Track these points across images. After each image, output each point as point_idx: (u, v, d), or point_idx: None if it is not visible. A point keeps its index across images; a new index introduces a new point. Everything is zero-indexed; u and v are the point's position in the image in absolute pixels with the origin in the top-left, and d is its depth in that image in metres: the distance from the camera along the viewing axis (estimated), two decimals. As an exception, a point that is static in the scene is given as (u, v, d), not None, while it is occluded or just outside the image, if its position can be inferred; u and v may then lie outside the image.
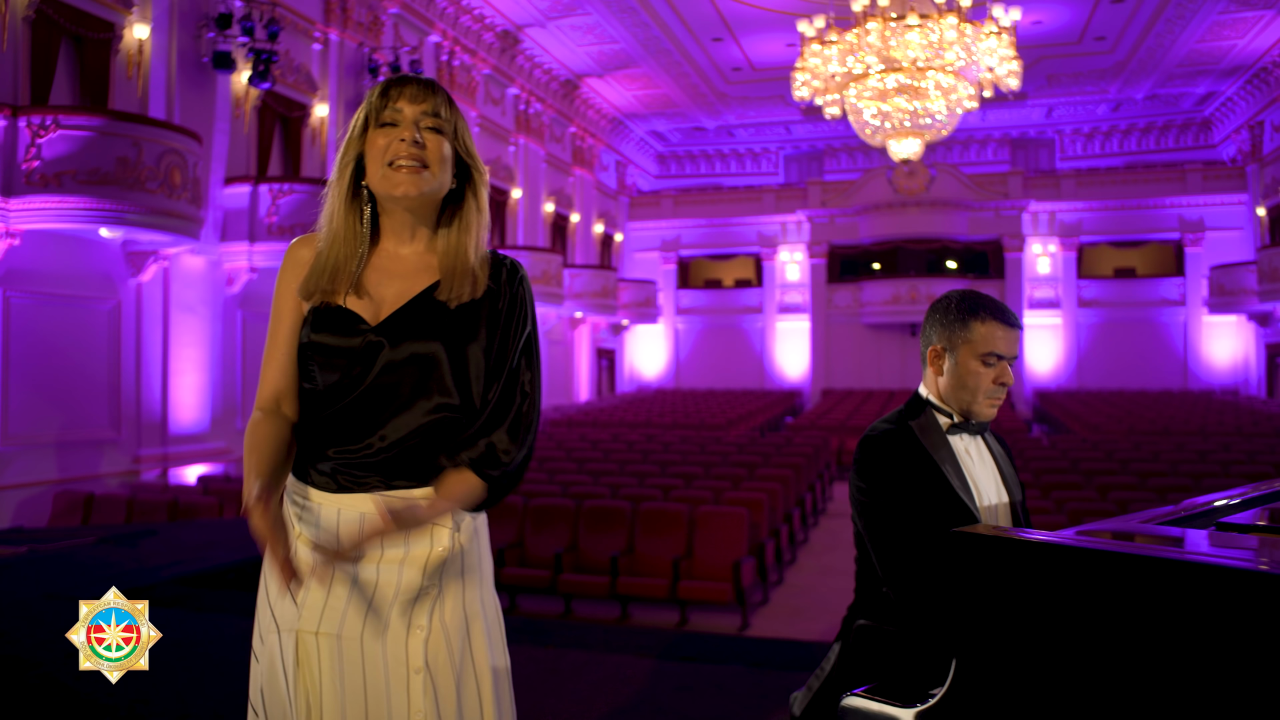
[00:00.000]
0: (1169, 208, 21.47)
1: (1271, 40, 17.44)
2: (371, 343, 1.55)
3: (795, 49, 17.67)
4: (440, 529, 1.58)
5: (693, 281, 25.30)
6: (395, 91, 1.59)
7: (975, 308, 2.01)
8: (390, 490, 1.56)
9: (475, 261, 1.61)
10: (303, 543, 1.59)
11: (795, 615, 6.89)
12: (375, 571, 1.56)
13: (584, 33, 16.87)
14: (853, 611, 2.05)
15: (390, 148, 1.56)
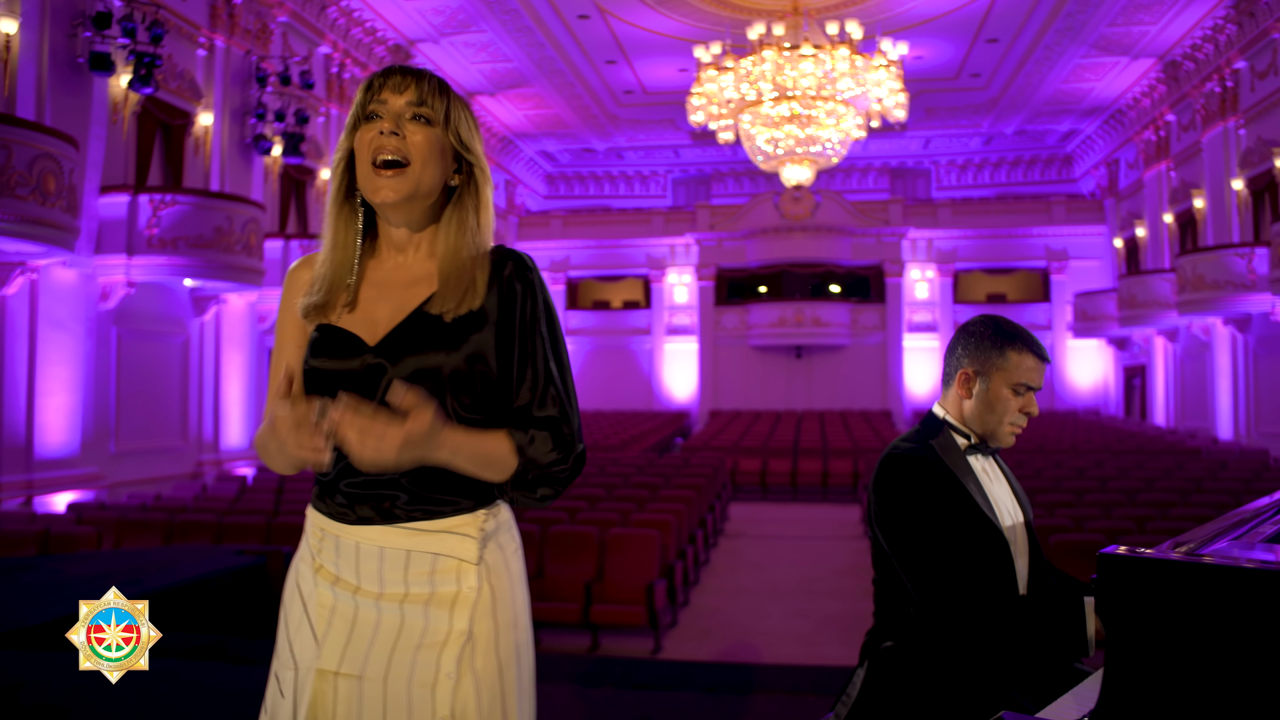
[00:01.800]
0: (1036, 237, 22.63)
1: (1126, 84, 18.64)
2: (371, 365, 1.43)
3: (688, 74, 17.95)
4: (467, 567, 1.45)
5: (582, 302, 25.27)
6: (379, 81, 1.46)
7: (1012, 336, 2.02)
8: (411, 522, 1.44)
9: (473, 264, 1.47)
10: (324, 576, 1.47)
11: (705, 637, 6.87)
12: (400, 612, 1.44)
13: (477, 50, 16.70)
14: (875, 634, 2.02)
15: (372, 143, 1.43)
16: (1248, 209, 15.26)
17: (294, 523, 7.27)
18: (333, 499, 1.47)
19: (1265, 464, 11.24)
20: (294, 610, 1.51)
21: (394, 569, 1.44)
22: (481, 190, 1.51)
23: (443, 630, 1.44)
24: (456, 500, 1.46)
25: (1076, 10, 15.04)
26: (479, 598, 1.45)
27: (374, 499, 1.44)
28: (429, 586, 1.44)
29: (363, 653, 1.44)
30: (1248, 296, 13.85)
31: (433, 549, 1.45)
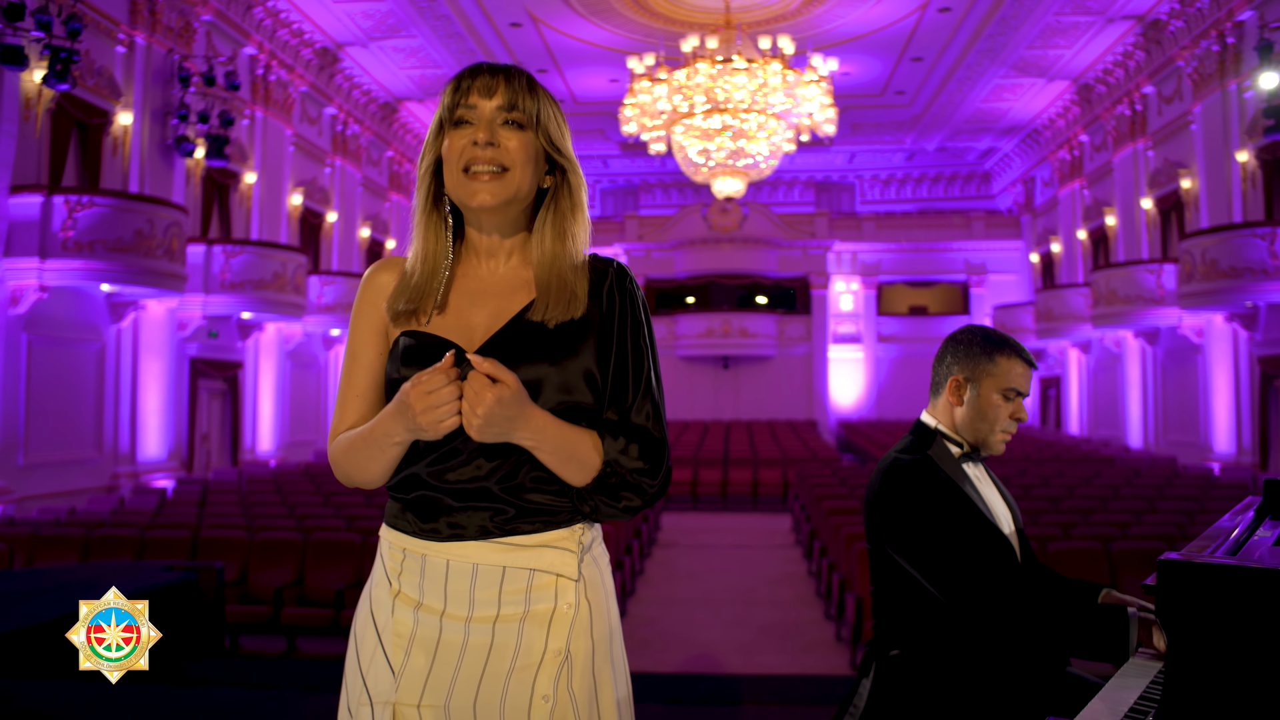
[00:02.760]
0: (956, 251, 23.24)
1: (1042, 105, 19.29)
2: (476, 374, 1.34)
3: (619, 84, 18.00)
4: (565, 583, 1.39)
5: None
6: (467, 84, 1.39)
7: (1000, 343, 2.06)
8: (508, 536, 1.37)
9: (573, 273, 1.41)
10: (403, 602, 1.39)
11: (645, 647, 6.84)
12: (490, 633, 1.36)
13: (407, 55, 16.48)
14: (877, 643, 2.02)
15: (464, 152, 1.36)
16: (1156, 227, 15.90)
17: (221, 536, 7.04)
18: (418, 514, 1.39)
19: (1175, 471, 11.69)
20: (367, 641, 1.41)
21: (487, 587, 1.37)
22: (575, 193, 1.45)
23: (537, 650, 1.37)
24: (555, 512, 1.39)
25: (997, 33, 15.51)
26: (577, 614, 1.39)
27: (469, 511, 1.37)
28: (524, 605, 1.37)
29: (447, 681, 1.36)
30: (1157, 310, 14.41)
31: (530, 564, 1.37)
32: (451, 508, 1.37)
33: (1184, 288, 12.87)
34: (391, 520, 1.43)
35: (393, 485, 1.42)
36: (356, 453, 1.38)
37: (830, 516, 8.24)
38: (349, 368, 1.46)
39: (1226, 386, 13.49)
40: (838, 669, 6.17)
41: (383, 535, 1.45)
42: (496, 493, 1.36)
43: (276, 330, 14.78)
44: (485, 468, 1.36)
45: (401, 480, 1.40)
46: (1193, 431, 14.29)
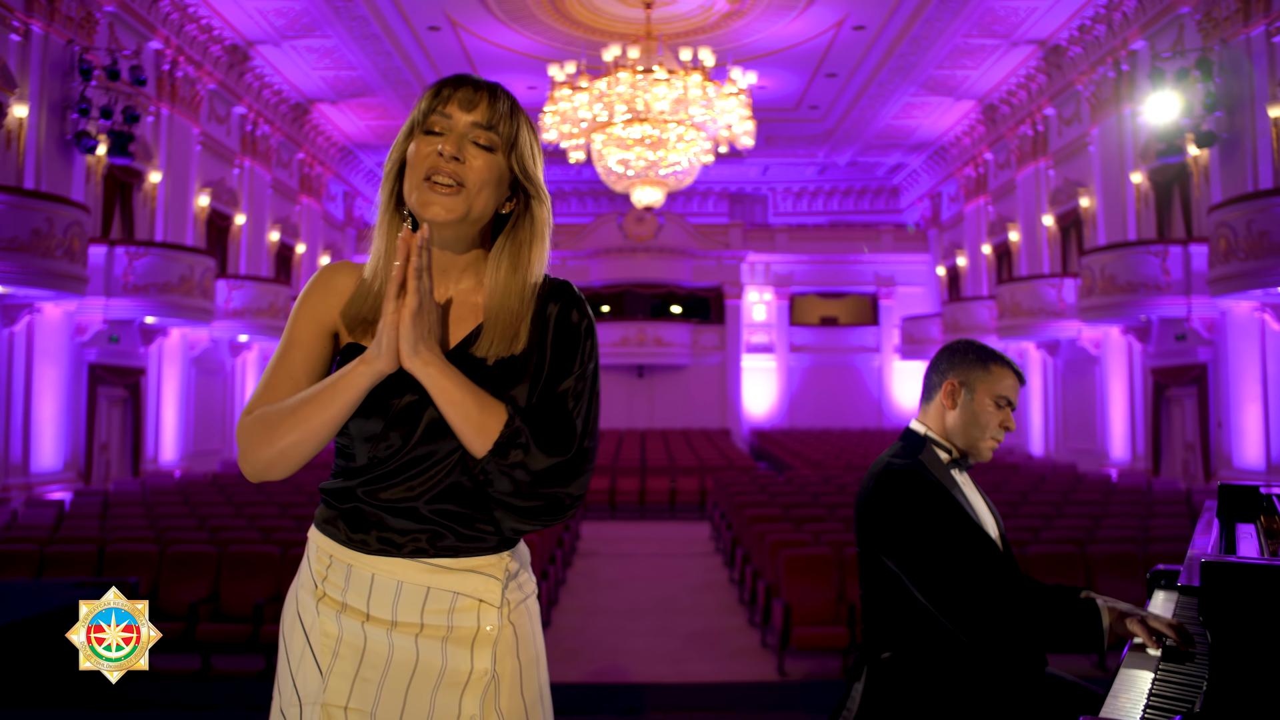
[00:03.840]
0: (866, 264, 23.79)
1: (950, 123, 19.93)
2: (413, 402, 1.34)
3: (537, 92, 17.92)
4: (488, 608, 1.38)
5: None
6: (448, 92, 1.36)
7: (994, 354, 2.14)
8: (436, 558, 1.36)
9: (521, 305, 1.38)
10: (327, 605, 1.37)
11: (574, 657, 6.79)
12: (414, 647, 1.35)
13: (321, 56, 16.11)
14: (868, 647, 2.04)
15: (428, 160, 1.33)
16: (1057, 243, 16.57)
17: (130, 551, 6.75)
18: (349, 524, 1.37)
19: (1077, 477, 12.16)
20: (295, 641, 1.40)
21: (410, 605, 1.37)
22: (538, 223, 1.42)
23: (463, 670, 1.36)
24: (482, 538, 1.38)
25: (909, 52, 15.96)
26: (501, 636, 1.38)
27: (400, 531, 1.35)
28: (446, 621, 1.37)
29: (374, 688, 1.36)
30: (1058, 323, 15.00)
31: (454, 588, 1.37)
32: (384, 524, 1.36)
33: (1084, 301, 13.42)
34: (321, 524, 1.42)
35: (329, 491, 1.41)
36: (294, 413, 1.31)
37: (753, 524, 8.32)
38: (284, 351, 1.41)
39: (1122, 396, 14.12)
40: (765, 675, 6.21)
41: (311, 537, 1.44)
42: (425, 514, 1.35)
43: (181, 336, 14.25)
44: (416, 488, 1.35)
45: (338, 490, 1.39)
46: (1090, 439, 14.90)
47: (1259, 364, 11.15)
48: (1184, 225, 12.94)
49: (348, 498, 1.38)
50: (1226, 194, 11.33)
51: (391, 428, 1.34)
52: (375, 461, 1.35)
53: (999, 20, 14.59)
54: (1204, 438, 12.23)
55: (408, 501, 1.34)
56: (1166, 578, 2.16)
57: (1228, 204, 10.37)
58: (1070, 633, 1.82)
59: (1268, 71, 11.06)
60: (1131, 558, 6.54)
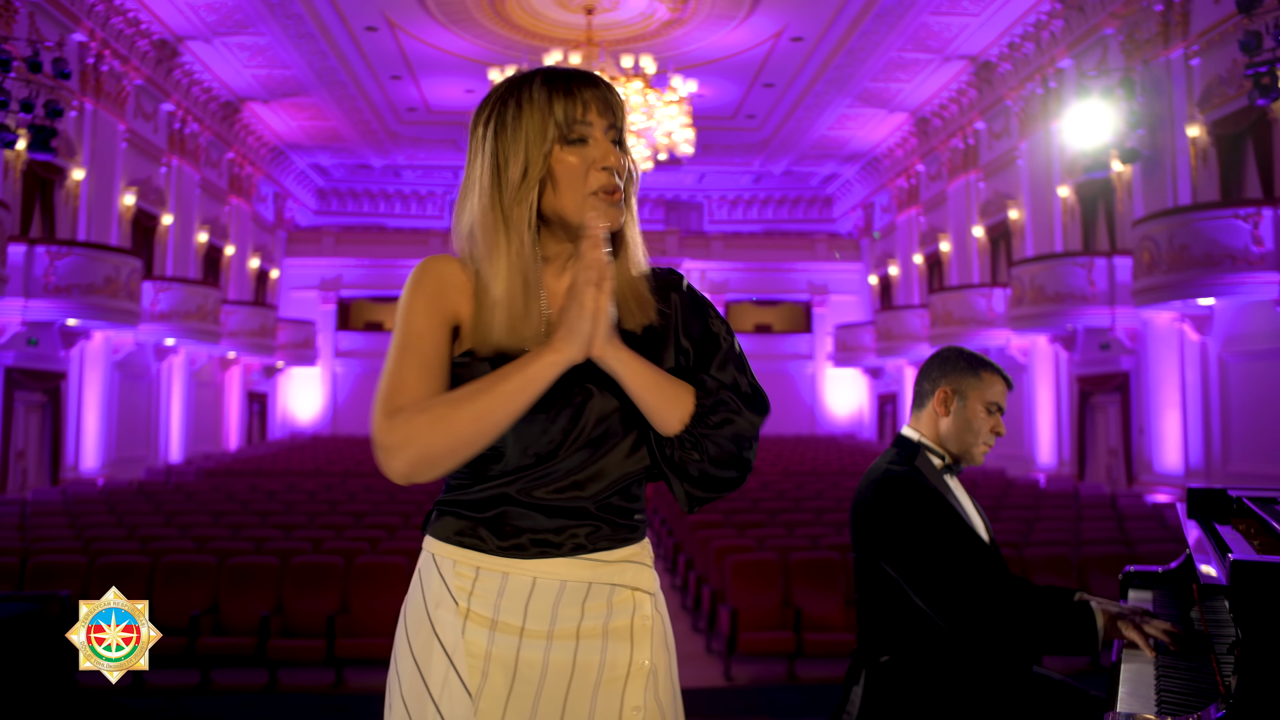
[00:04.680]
0: (800, 272, 24.10)
1: (883, 135, 20.32)
2: (574, 391, 1.32)
3: (475, 95, 17.78)
4: (643, 596, 1.39)
5: (353, 323, 24.33)
6: (585, 96, 1.33)
7: (984, 360, 2.18)
8: (596, 552, 1.35)
9: (641, 279, 1.39)
10: (475, 622, 1.32)
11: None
12: (572, 649, 1.33)
13: (253, 54, 15.75)
14: (865, 650, 2.05)
15: (592, 176, 1.31)
16: (987, 253, 17.00)
17: (55, 562, 6.49)
18: (497, 531, 1.34)
19: (1008, 482, 12.47)
20: (435, 666, 1.33)
21: (570, 604, 1.35)
22: (633, 206, 1.41)
23: (623, 664, 1.36)
24: (635, 526, 1.39)
25: (845, 64, 16.23)
26: (655, 627, 1.39)
27: (560, 528, 1.34)
28: (604, 619, 1.36)
29: (530, 701, 1.32)
30: (988, 331, 15.38)
31: (614, 580, 1.37)
32: (540, 524, 1.34)
33: (1014, 311, 13.78)
34: (454, 537, 1.36)
35: (464, 502, 1.36)
36: (474, 406, 1.25)
37: (696, 531, 8.34)
38: (407, 343, 1.32)
39: (1049, 403, 14.53)
40: (712, 681, 6.23)
41: (441, 554, 1.37)
42: (589, 509, 1.35)
43: (105, 339, 13.77)
44: (580, 483, 1.35)
45: (483, 498, 1.35)
46: (1018, 445, 15.29)
47: (1178, 372, 11.57)
48: (1108, 238, 13.38)
49: (497, 502, 1.34)
50: (1148, 208, 11.75)
51: (554, 422, 1.32)
52: (539, 459, 1.33)
53: (933, 36, 14.93)
54: (1126, 443, 12.65)
55: (571, 498, 1.33)
56: (1139, 578, 2.23)
57: (1151, 218, 10.75)
58: (1066, 636, 1.87)
59: (1186, 92, 11.51)
60: (1065, 560, 6.73)
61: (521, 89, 1.35)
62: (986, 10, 13.95)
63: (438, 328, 1.34)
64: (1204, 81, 11.26)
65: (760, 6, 14.29)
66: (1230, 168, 10.98)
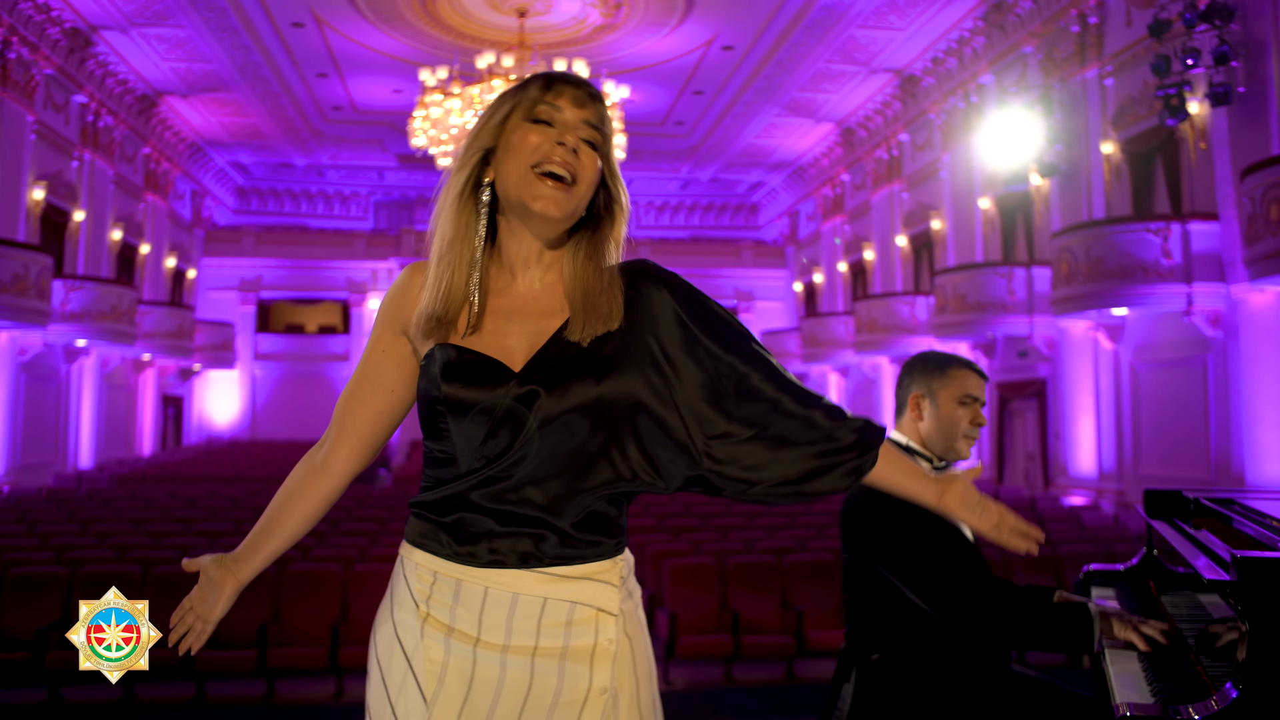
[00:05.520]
0: (726, 278, 24.34)
1: (809, 144, 20.66)
2: (521, 395, 1.28)
3: (403, 95, 17.56)
4: (606, 618, 1.32)
5: (274, 325, 23.78)
6: (559, 88, 1.34)
7: (949, 359, 2.23)
8: (553, 566, 1.30)
9: (603, 285, 1.36)
10: (432, 626, 1.29)
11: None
12: (528, 667, 1.29)
13: (173, 46, 15.27)
14: (854, 649, 2.08)
15: (542, 148, 1.30)
16: (910, 262, 17.41)
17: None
18: (455, 536, 1.30)
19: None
20: (395, 667, 1.31)
21: (526, 618, 1.30)
22: (617, 225, 1.40)
23: (581, 687, 1.31)
24: (600, 541, 1.33)
25: (774, 74, 16.47)
26: (619, 650, 1.33)
27: (513, 537, 1.29)
28: (563, 639, 1.31)
29: (484, 715, 1.29)
30: (911, 338, 15.73)
31: (572, 597, 1.31)
32: (494, 532, 1.30)
33: (937, 319, 14.14)
34: (419, 540, 1.35)
35: (427, 504, 1.34)
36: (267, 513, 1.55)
37: (632, 536, 8.32)
38: (358, 373, 1.47)
39: (969, 409, 14.89)
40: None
41: (407, 555, 1.37)
42: (545, 519, 1.30)
43: (11, 339, 13.19)
44: (534, 492, 1.30)
45: (441, 500, 1.32)
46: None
47: (1092, 379, 12.01)
48: (1027, 249, 13.83)
49: (455, 506, 1.31)
50: (1065, 221, 12.18)
51: (499, 424, 1.29)
52: (488, 461, 1.30)
53: (860, 48, 15.24)
54: (1043, 448, 13.08)
55: (526, 506, 1.29)
56: (1100, 576, 2.32)
57: (1068, 231, 11.14)
58: (1064, 634, 1.93)
59: (1100, 110, 11.97)
60: (992, 560, 6.93)
61: (515, 86, 1.39)
62: (912, 26, 14.30)
63: (391, 343, 1.43)
64: (1117, 101, 11.72)
65: (692, 15, 14.41)
66: (1141, 183, 11.45)
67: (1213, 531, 1.80)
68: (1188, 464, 10.44)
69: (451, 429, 1.30)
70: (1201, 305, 9.97)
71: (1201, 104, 10.00)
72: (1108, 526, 9.11)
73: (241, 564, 1.49)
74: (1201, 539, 1.72)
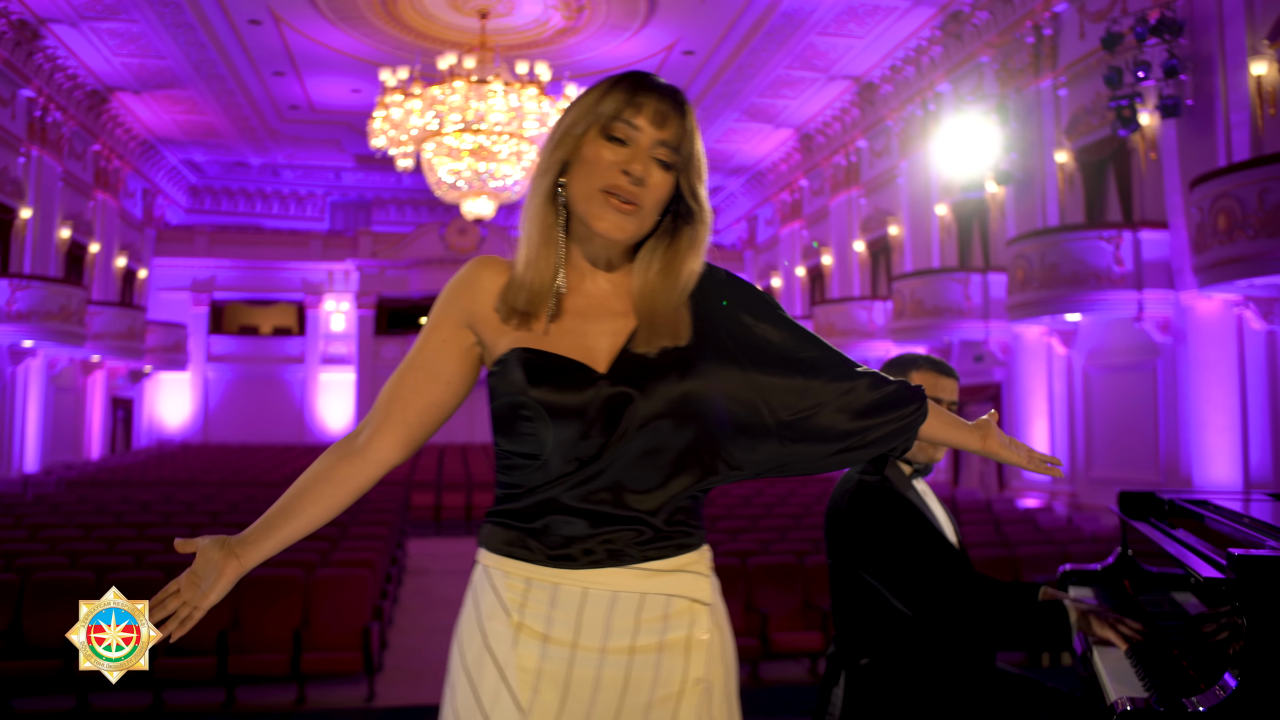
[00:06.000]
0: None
1: (768, 150, 20.81)
2: (612, 395, 1.29)
3: (361, 95, 17.41)
4: (699, 608, 1.34)
5: (227, 327, 23.43)
6: (640, 101, 1.31)
7: (915, 361, 2.25)
8: (647, 561, 1.31)
9: (673, 308, 1.35)
10: (527, 635, 1.30)
11: (419, 679, 6.60)
12: (625, 665, 1.30)
13: (125, 41, 14.98)
14: (843, 653, 2.10)
15: (610, 173, 1.29)
16: (867, 267, 17.61)
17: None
18: (546, 541, 1.31)
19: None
20: (487, 679, 1.30)
21: (624, 616, 1.31)
22: (698, 238, 1.38)
23: (676, 680, 1.32)
24: (690, 533, 1.35)
25: (734, 79, 16.57)
26: (712, 641, 1.35)
27: (608, 537, 1.30)
28: (660, 634, 1.32)
29: (581, 718, 1.29)
30: (868, 343, 15.92)
31: (669, 590, 1.33)
32: (588, 533, 1.30)
33: (894, 323, 14.31)
34: (504, 548, 1.34)
35: (512, 512, 1.34)
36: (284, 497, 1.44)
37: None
38: (410, 361, 1.42)
39: (925, 413, 15.08)
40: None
41: (492, 565, 1.35)
42: (638, 517, 1.31)
43: (-46, 340, 12.86)
44: (627, 490, 1.31)
45: (529, 506, 1.33)
46: (896, 453, 15.86)
47: (1046, 384, 12.24)
48: (982, 255, 14.06)
49: (545, 510, 1.31)
50: (1020, 228, 12.41)
51: (592, 426, 1.30)
52: (581, 464, 1.30)
53: (819, 55, 15.39)
54: (998, 451, 13.26)
55: (617, 504, 1.30)
56: (1077, 575, 2.38)
57: (1024, 238, 11.36)
58: (1041, 633, 1.98)
59: (1054, 120, 12.22)
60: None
61: (599, 86, 1.36)
62: (871, 34, 14.48)
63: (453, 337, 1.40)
64: (1071, 111, 11.97)
65: (654, 19, 14.46)
66: (1094, 192, 11.70)
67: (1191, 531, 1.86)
68: (1138, 466, 10.68)
69: (540, 432, 1.31)
70: (1152, 312, 10.21)
71: (1152, 115, 10.25)
72: (1062, 528, 9.29)
73: (248, 547, 1.37)
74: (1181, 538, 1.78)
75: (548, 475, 1.32)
